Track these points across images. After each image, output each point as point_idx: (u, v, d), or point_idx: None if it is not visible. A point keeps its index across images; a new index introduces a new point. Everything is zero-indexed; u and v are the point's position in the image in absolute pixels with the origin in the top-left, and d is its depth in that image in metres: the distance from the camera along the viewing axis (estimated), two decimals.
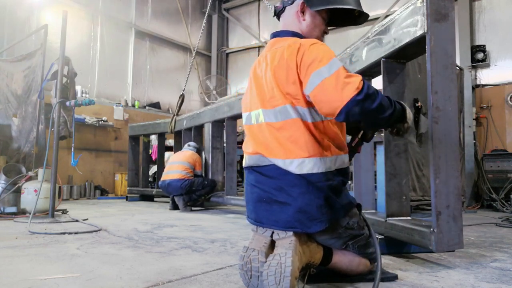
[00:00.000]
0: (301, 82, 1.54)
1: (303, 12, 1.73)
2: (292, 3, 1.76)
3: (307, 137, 1.55)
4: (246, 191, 1.75)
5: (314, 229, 1.54)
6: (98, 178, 8.21)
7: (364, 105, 1.42)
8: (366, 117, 1.46)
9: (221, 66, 11.47)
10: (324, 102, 1.46)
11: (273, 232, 1.58)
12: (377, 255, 1.66)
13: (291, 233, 1.54)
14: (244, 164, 1.78)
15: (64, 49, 4.16)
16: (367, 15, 1.82)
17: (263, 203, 1.61)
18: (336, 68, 1.47)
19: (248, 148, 1.74)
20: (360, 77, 1.46)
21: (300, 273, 1.55)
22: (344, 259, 1.68)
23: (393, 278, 1.78)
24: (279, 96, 1.58)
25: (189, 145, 5.83)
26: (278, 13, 1.82)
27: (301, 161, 1.54)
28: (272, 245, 1.57)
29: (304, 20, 1.74)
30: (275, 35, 1.78)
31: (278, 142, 1.59)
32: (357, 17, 1.85)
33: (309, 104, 1.56)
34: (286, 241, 1.51)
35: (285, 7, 1.78)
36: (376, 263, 1.66)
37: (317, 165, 1.54)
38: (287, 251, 1.42)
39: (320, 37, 1.78)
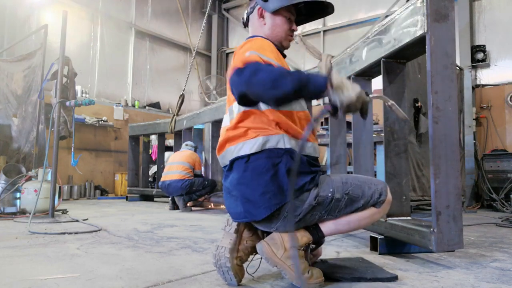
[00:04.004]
0: None
1: (262, 16, 1.79)
2: (253, 11, 1.82)
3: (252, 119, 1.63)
4: None
5: (259, 216, 1.57)
6: (98, 178, 8.21)
7: (241, 78, 1.42)
8: (250, 88, 1.41)
9: (221, 66, 11.47)
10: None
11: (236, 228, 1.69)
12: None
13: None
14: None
15: (64, 49, 4.16)
16: (332, 5, 1.83)
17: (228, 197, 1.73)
18: (246, 55, 1.54)
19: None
20: (254, 58, 1.49)
21: (301, 252, 1.63)
22: (333, 227, 1.67)
23: (393, 278, 1.78)
24: None
25: (187, 145, 5.83)
26: (245, 24, 1.91)
27: (242, 144, 1.61)
28: (240, 240, 1.70)
29: (265, 24, 1.79)
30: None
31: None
32: (325, 7, 1.85)
33: None
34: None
35: (249, 16, 1.86)
36: (383, 203, 1.65)
37: (248, 146, 1.59)
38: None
39: (287, 37, 1.80)
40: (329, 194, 1.61)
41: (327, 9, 1.85)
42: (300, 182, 1.57)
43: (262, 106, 1.61)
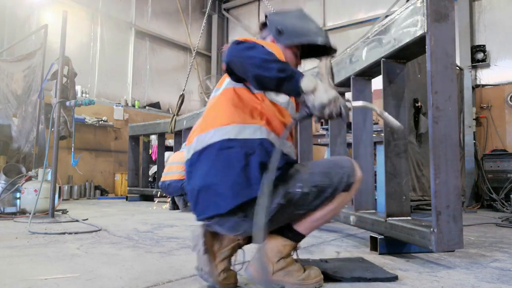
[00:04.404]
0: None
1: None
2: (264, 38, 1.81)
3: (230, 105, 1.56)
4: None
5: (224, 208, 1.45)
6: (98, 178, 8.21)
7: (236, 47, 1.43)
8: (238, 58, 1.42)
9: (221, 66, 11.47)
10: None
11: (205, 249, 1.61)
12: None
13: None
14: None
15: (64, 49, 4.16)
16: (335, 49, 1.86)
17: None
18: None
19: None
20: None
21: (288, 259, 1.61)
22: (310, 225, 1.61)
23: (393, 278, 1.78)
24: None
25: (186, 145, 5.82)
26: None
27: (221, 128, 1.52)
28: (214, 257, 1.62)
29: None
30: None
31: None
32: (329, 49, 1.87)
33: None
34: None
35: None
36: (353, 185, 1.57)
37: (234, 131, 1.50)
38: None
39: None
40: (298, 190, 1.52)
41: (330, 51, 1.88)
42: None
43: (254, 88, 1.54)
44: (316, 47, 1.87)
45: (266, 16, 1.83)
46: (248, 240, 1.70)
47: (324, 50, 1.90)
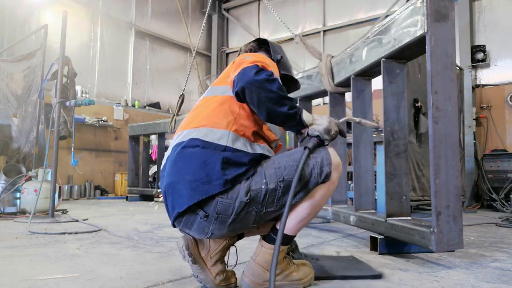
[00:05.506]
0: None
1: None
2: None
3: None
4: None
5: (181, 206, 1.43)
6: (98, 178, 8.21)
7: (256, 76, 1.46)
8: (256, 88, 1.45)
9: (221, 66, 11.47)
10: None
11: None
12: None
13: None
14: None
15: (64, 49, 4.16)
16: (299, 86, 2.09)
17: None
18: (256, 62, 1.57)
19: None
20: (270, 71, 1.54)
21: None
22: (295, 224, 1.52)
23: (377, 276, 1.81)
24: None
25: None
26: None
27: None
28: (205, 264, 1.62)
29: None
30: None
31: None
32: (295, 85, 2.06)
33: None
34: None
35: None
36: (330, 174, 1.51)
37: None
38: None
39: None
40: (263, 186, 1.43)
41: (296, 86, 2.07)
42: (233, 173, 1.41)
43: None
44: (289, 80, 2.02)
45: (264, 40, 1.97)
46: (238, 237, 1.69)
47: (291, 84, 2.07)
